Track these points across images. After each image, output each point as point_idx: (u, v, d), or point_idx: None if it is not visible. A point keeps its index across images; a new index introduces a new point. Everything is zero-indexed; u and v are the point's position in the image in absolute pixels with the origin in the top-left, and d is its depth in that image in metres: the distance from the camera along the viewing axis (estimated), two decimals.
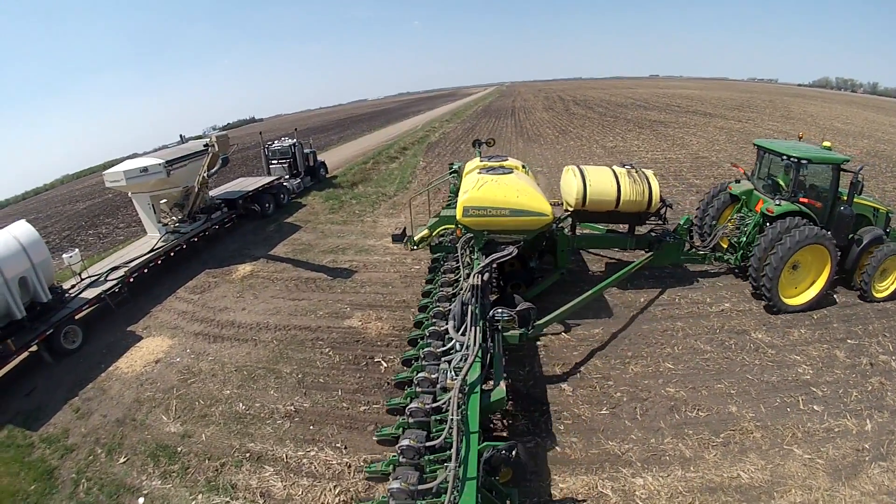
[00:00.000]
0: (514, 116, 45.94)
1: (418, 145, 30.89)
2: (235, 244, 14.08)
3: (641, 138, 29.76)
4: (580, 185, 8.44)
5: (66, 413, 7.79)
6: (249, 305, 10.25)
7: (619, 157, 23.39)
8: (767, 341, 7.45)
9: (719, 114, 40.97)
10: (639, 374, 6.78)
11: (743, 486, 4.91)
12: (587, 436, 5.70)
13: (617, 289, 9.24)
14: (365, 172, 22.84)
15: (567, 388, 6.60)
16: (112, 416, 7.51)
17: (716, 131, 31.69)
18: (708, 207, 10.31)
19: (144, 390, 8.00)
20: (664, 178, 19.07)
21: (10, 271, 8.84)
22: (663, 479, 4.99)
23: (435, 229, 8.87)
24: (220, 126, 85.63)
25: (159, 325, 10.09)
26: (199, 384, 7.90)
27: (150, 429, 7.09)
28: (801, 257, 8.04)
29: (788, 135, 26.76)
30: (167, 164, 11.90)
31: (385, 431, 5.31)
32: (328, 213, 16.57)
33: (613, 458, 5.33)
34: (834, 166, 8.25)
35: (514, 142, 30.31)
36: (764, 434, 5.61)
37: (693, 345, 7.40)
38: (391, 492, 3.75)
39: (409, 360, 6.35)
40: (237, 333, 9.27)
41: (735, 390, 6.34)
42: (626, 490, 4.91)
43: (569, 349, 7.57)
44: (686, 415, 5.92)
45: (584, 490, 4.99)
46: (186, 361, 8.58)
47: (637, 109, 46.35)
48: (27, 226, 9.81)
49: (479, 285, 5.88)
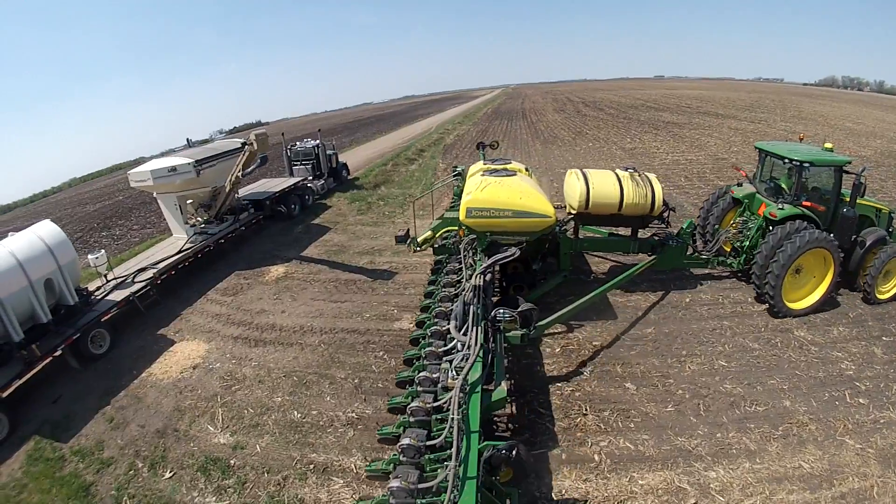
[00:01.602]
0: (525, 118, 45.63)
1: (435, 147, 30.55)
2: (264, 246, 13.62)
3: (659, 140, 29.35)
4: (583, 187, 8.36)
5: (99, 423, 7.24)
6: (289, 308, 9.75)
7: (640, 160, 23.05)
8: (810, 339, 7.58)
9: (731, 114, 40.58)
10: (696, 372, 6.88)
11: (805, 476, 5.13)
12: (657, 433, 5.76)
13: (663, 289, 9.40)
14: (386, 174, 22.49)
15: (631, 387, 6.63)
16: (151, 427, 6.95)
17: (730, 132, 31.29)
18: (710, 211, 10.16)
19: (184, 398, 7.45)
20: (689, 179, 18.75)
21: (35, 273, 8.31)
22: (733, 472, 5.15)
23: (438, 231, 8.89)
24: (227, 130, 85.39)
25: (192, 328, 9.56)
26: (246, 391, 7.36)
27: (197, 440, 6.54)
28: (803, 261, 7.91)
29: (805, 135, 26.40)
30: (197, 163, 11.44)
31: (386, 430, 5.19)
32: (356, 214, 16.15)
33: (685, 454, 5.43)
34: (836, 168, 8.12)
35: (532, 144, 29.94)
36: (818, 426, 5.81)
37: (742, 343, 7.52)
38: (391, 490, 3.72)
39: (411, 360, 6.24)
40: (280, 337, 8.75)
41: (787, 386, 6.51)
42: (702, 483, 5.03)
43: (625, 349, 7.57)
44: (745, 410, 6.08)
45: (663, 486, 5.04)
46: (228, 367, 8.03)
47: (648, 111, 46.01)
48: (52, 225, 9.31)
49: (482, 286, 5.89)
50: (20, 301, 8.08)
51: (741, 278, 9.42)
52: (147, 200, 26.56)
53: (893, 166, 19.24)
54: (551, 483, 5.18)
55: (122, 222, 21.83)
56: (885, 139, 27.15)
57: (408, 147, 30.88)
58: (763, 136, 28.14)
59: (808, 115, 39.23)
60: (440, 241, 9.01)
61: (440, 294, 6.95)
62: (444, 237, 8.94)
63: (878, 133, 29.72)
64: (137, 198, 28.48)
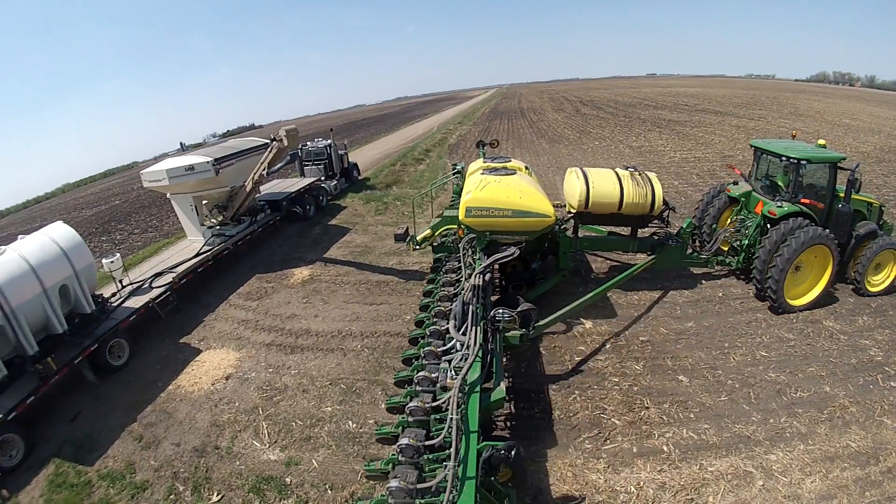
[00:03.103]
0: (525, 118, 45.44)
1: (440, 147, 30.17)
2: (282, 248, 13.03)
3: (664, 138, 29.27)
4: (583, 187, 8.30)
5: (127, 442, 6.63)
6: (322, 312, 9.20)
7: (648, 158, 22.93)
8: (839, 328, 7.85)
9: (729, 112, 40.77)
10: (741, 363, 7.09)
11: (853, 454, 5.42)
12: (716, 421, 5.95)
13: (695, 284, 9.58)
14: (395, 174, 22.04)
15: (684, 380, 6.77)
16: (188, 445, 6.38)
17: (732, 130, 31.32)
18: (706, 210, 10.11)
19: (221, 412, 6.88)
20: (700, 177, 18.65)
21: (49, 279, 7.63)
22: (790, 454, 5.41)
23: (437, 229, 8.84)
24: (220, 133, 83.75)
25: (218, 335, 8.97)
26: (290, 402, 6.81)
27: (242, 457, 5.98)
28: (803, 257, 7.99)
29: (805, 132, 26.56)
30: (216, 161, 10.85)
31: (384, 430, 5.11)
32: (374, 214, 15.63)
33: (745, 439, 5.64)
34: (831, 165, 8.21)
35: (538, 143, 29.69)
36: (858, 408, 6.12)
37: (777, 334, 7.77)
38: (390, 490, 3.70)
39: (410, 359, 6.15)
40: (318, 343, 8.21)
41: (824, 372, 6.80)
42: (765, 466, 5.23)
43: (671, 343, 7.69)
44: (791, 396, 6.37)
45: (731, 470, 5.19)
46: (265, 376, 7.48)
47: (647, 109, 46.09)
48: (66, 227, 8.65)
49: (481, 285, 5.87)
50: (34, 310, 7.41)
51: (739, 277, 9.45)
52: (146, 204, 25.77)
53: (894, 162, 19.30)
54: (629, 476, 5.20)
55: (122, 227, 21.05)
56: (882, 135, 27.37)
57: (413, 147, 30.43)
58: (765, 133, 28.23)
59: (805, 111, 39.54)
60: (439, 240, 8.96)
61: (439, 293, 6.88)
62: (443, 236, 8.90)
63: (875, 129, 29.98)
64: (135, 202, 27.65)
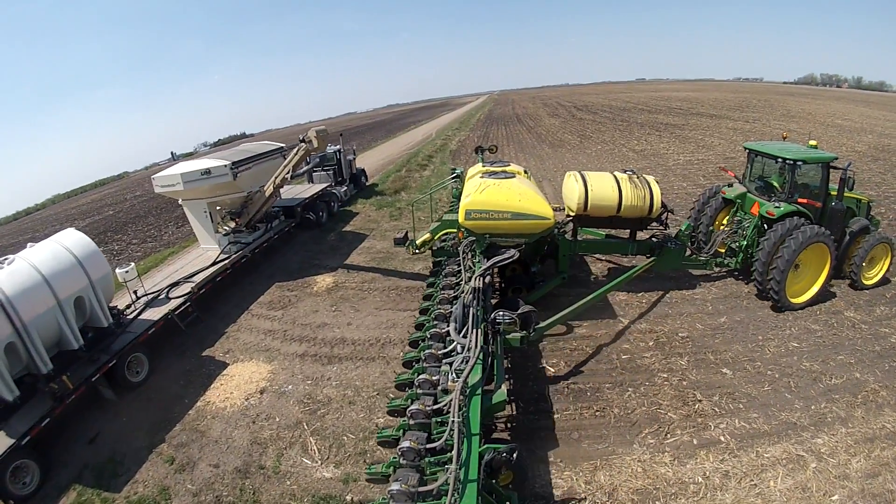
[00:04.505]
0: (522, 123, 45.57)
1: (442, 153, 29.95)
2: (298, 255, 12.55)
3: (665, 141, 29.49)
4: (582, 190, 8.34)
5: (157, 465, 6.11)
6: (355, 320, 8.77)
7: (653, 161, 23.04)
8: (860, 318, 8.14)
9: (723, 115, 41.41)
10: (776, 354, 7.30)
11: (890, 434, 5.69)
12: (763, 410, 6.13)
13: (720, 280, 9.71)
14: (402, 180, 21.69)
15: (728, 372, 6.92)
16: (228, 465, 5.88)
17: (729, 132, 31.74)
18: (702, 213, 10.23)
19: (260, 428, 6.39)
20: (707, 178, 18.72)
21: (63, 290, 7.08)
22: (834, 437, 5.65)
23: (437, 233, 8.87)
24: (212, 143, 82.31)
25: (244, 347, 8.46)
26: (336, 414, 6.37)
27: (293, 476, 5.52)
28: (801, 256, 8.14)
29: (799, 133, 27.11)
30: (233, 165, 10.40)
31: (386, 433, 5.01)
32: (390, 220, 15.22)
33: (792, 426, 5.87)
34: (823, 165, 8.41)
35: (540, 147, 29.69)
36: (888, 392, 6.39)
37: (805, 325, 8.03)
38: (391, 493, 3.69)
39: (410, 362, 6.08)
40: (356, 352, 7.76)
41: (853, 360, 7.07)
42: (814, 450, 5.46)
43: (708, 337, 7.84)
44: (827, 383, 6.62)
45: (785, 456, 5.39)
46: (304, 388, 7.00)
47: (642, 113, 46.63)
48: (79, 234, 8.09)
49: (481, 288, 5.93)
50: (47, 324, 6.86)
51: (739, 277, 9.56)
52: (142, 214, 25.03)
53: (889, 160, 19.70)
54: (695, 467, 5.32)
55: (118, 237, 20.36)
56: (874, 134, 27.97)
57: (416, 153, 30.19)
58: (761, 135, 28.66)
59: (797, 113, 40.33)
60: (439, 244, 8.96)
61: (439, 296, 6.86)
62: (442, 239, 8.89)
63: (867, 129, 30.64)
64: (130, 211, 26.90)
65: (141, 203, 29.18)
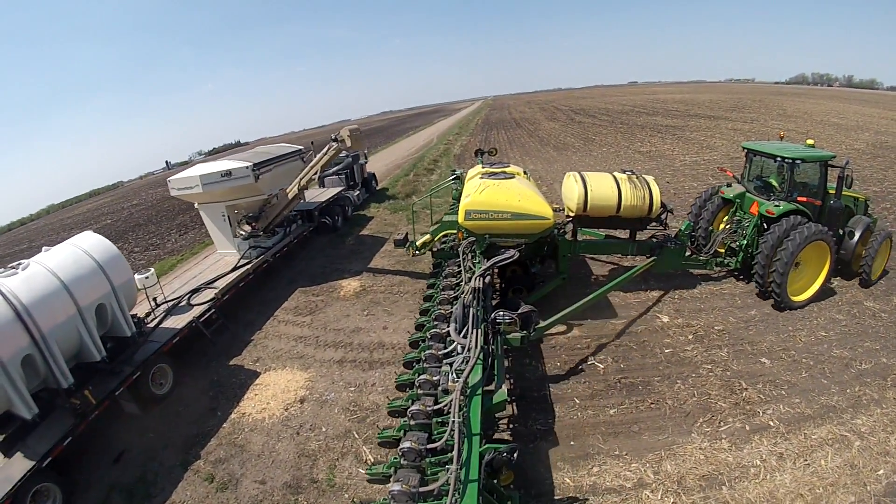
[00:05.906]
0: (521, 127, 45.61)
1: (446, 157, 29.78)
2: (316, 260, 12.14)
3: (668, 142, 29.56)
4: (581, 190, 8.33)
5: (194, 484, 5.65)
6: (391, 324, 8.40)
7: (659, 162, 23.04)
8: (879, 308, 8.39)
9: (721, 116, 41.80)
10: (808, 343, 7.54)
11: None
12: (804, 395, 6.39)
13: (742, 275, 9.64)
14: (410, 184, 21.44)
15: (766, 362, 7.13)
16: (276, 481, 5.44)
17: (730, 133, 31.94)
18: (701, 213, 10.25)
19: (307, 440, 5.96)
20: (716, 178, 18.71)
21: (84, 297, 6.57)
22: (871, 417, 5.91)
23: (437, 234, 8.89)
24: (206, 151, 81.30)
25: (275, 355, 8.03)
26: (388, 421, 5.94)
27: (351, 489, 5.12)
28: (802, 254, 8.19)
29: (797, 133, 27.38)
30: (255, 167, 10.02)
31: (386, 433, 4.98)
32: (407, 223, 14.82)
33: (832, 409, 6.11)
34: (822, 163, 8.51)
35: (544, 150, 29.62)
36: None
37: (830, 315, 8.28)
38: (392, 494, 3.67)
39: (411, 363, 6.04)
40: (397, 356, 7.37)
41: (878, 346, 7.32)
42: (855, 430, 5.70)
43: (742, 329, 8.02)
44: (857, 368, 6.87)
45: (831, 437, 5.63)
46: (347, 396, 6.59)
47: (641, 115, 46.93)
48: (99, 237, 7.62)
49: (481, 288, 5.96)
50: (67, 334, 6.36)
51: (739, 277, 9.60)
52: (141, 223, 24.45)
53: (888, 157, 19.85)
54: (752, 451, 5.47)
55: (119, 245, 19.64)
56: (871, 132, 28.30)
57: (421, 157, 30.01)
58: (760, 135, 28.84)
59: (793, 113, 40.82)
60: (439, 245, 8.93)
61: (439, 297, 6.87)
62: (442, 241, 8.86)
63: (863, 126, 31.04)
64: (128, 220, 26.29)
65: (139, 211, 28.56)
